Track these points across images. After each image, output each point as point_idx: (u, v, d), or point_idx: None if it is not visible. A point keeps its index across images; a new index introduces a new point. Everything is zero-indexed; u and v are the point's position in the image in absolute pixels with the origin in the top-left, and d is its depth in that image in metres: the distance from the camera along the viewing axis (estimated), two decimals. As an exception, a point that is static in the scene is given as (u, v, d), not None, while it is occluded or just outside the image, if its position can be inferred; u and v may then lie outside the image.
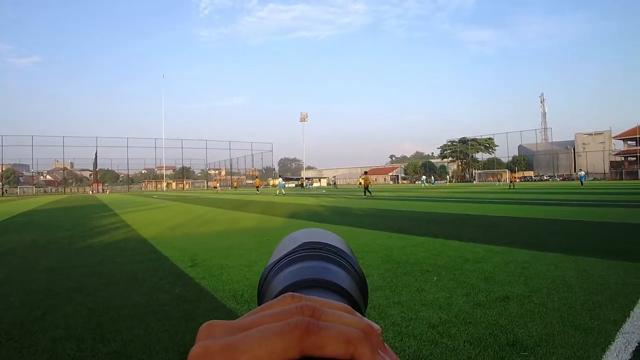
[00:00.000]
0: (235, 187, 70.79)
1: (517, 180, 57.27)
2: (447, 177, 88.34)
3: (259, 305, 0.26)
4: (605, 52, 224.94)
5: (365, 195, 25.23)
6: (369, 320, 0.24)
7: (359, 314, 0.24)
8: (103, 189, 72.75)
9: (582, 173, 36.97)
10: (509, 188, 33.03)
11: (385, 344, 0.23)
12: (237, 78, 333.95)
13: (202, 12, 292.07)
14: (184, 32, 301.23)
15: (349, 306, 0.24)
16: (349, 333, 0.21)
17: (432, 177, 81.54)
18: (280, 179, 40.24)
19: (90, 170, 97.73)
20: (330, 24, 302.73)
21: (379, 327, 0.24)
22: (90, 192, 66.44)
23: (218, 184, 63.28)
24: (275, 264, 0.37)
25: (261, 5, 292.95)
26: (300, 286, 0.32)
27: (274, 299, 0.24)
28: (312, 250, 0.37)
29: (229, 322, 0.23)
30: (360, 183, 59.87)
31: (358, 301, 0.33)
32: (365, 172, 28.27)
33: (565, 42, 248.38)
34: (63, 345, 2.84)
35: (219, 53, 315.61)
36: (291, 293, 0.25)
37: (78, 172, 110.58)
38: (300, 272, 0.33)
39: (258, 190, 42.28)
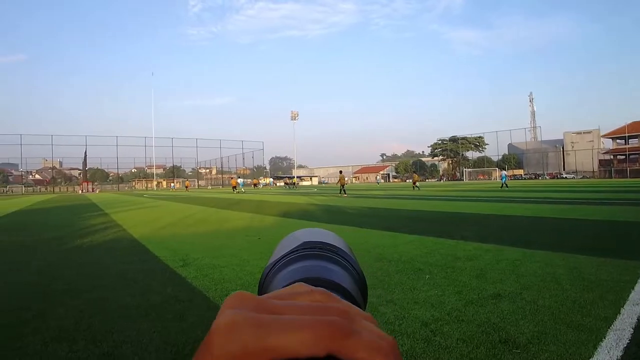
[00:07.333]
0: (187, 187, 62.00)
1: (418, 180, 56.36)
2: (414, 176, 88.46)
3: None
4: (594, 53, 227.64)
5: (340, 193, 25.42)
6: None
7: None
8: (92, 188, 72.01)
9: (504, 173, 34.11)
10: (413, 189, 31.28)
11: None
12: (226, 76, 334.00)
13: (191, 10, 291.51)
14: (173, 31, 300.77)
15: (371, 315, 0.24)
16: (381, 344, 0.21)
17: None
18: (240, 179, 44.30)
19: (79, 169, 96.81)
20: (319, 23, 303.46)
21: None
22: (80, 192, 65.70)
23: (190, 184, 64.37)
24: (276, 262, 0.37)
25: (250, 4, 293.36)
26: None
27: (291, 288, 0.25)
28: (313, 250, 0.37)
29: (258, 298, 0.22)
30: (285, 184, 60.36)
31: (358, 301, 0.33)
32: (340, 172, 28.42)
33: (554, 43, 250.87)
34: (54, 347, 2.81)
35: (208, 51, 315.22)
36: (322, 289, 0.25)
37: (67, 171, 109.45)
38: (300, 271, 0.34)
39: (235, 190, 41.88)
